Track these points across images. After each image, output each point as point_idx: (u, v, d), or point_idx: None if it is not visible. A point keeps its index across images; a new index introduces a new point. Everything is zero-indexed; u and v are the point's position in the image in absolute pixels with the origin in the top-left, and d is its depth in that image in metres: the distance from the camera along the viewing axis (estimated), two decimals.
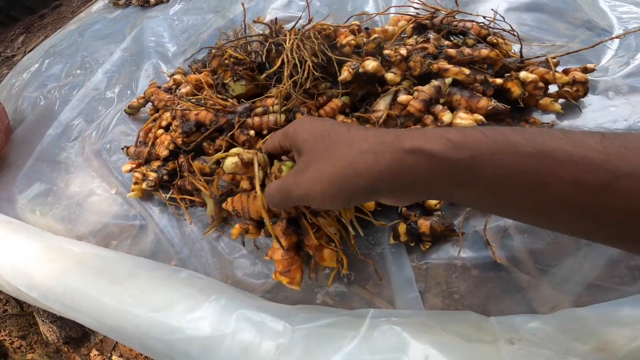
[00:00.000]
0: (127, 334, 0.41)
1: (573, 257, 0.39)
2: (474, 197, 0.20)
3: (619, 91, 0.48)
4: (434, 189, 0.21)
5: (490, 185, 0.18)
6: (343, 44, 0.48)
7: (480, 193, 0.19)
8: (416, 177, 0.20)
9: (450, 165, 0.19)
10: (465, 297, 0.39)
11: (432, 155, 0.19)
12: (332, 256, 0.36)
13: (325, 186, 0.22)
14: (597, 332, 0.33)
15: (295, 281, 0.35)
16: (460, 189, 0.19)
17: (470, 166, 0.18)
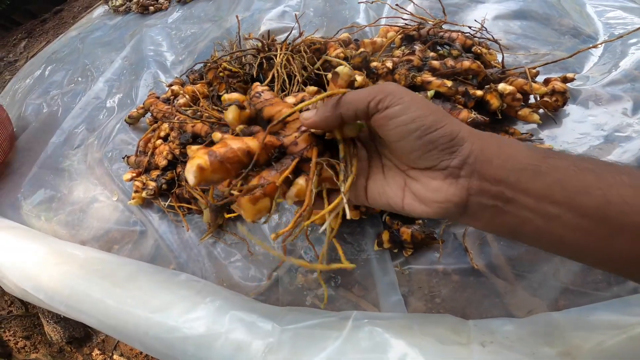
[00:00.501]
0: (128, 333, 0.43)
1: (549, 263, 0.41)
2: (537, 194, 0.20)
3: (599, 100, 0.50)
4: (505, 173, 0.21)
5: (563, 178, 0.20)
6: (332, 56, 0.50)
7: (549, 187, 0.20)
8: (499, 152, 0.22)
9: (530, 151, 0.21)
10: (446, 301, 0.41)
11: (513, 142, 0.22)
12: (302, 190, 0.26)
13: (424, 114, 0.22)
14: (566, 336, 0.35)
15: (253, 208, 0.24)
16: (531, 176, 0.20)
17: (547, 156, 0.21)
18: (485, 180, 0.21)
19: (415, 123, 0.22)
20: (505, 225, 0.22)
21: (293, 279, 0.45)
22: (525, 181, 0.20)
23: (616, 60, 0.56)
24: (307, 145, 0.25)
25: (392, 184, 0.25)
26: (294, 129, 0.27)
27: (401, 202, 0.24)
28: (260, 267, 0.47)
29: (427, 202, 0.23)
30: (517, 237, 0.23)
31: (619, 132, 0.46)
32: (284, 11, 0.74)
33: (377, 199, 0.26)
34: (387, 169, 0.26)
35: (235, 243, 0.50)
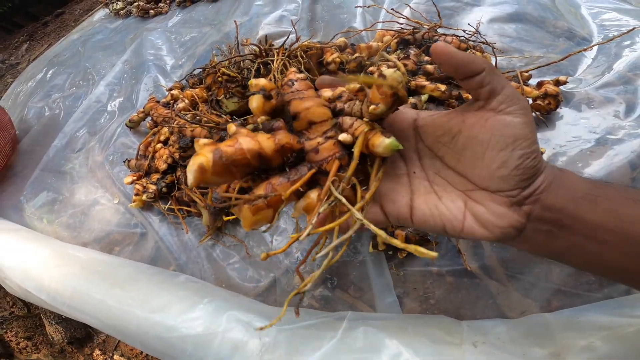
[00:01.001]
0: (128, 333, 0.44)
1: (541, 265, 0.41)
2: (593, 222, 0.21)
3: (592, 102, 0.50)
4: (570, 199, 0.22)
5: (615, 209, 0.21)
6: (329, 61, 0.51)
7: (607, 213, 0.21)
8: (566, 180, 0.22)
9: (589, 181, 0.22)
10: (440, 302, 0.42)
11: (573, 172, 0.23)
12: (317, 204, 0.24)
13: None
14: (557, 337, 0.35)
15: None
16: (590, 206, 0.21)
17: (604, 186, 0.22)
18: (546, 208, 0.21)
19: (526, 141, 0.21)
20: (554, 249, 0.23)
21: (290, 280, 0.46)
22: (582, 210, 0.21)
23: (610, 62, 0.56)
24: (329, 155, 0.23)
25: (450, 205, 0.23)
26: (320, 132, 0.24)
27: (461, 225, 0.23)
28: (258, 269, 0.48)
29: (489, 226, 0.22)
30: (564, 259, 0.23)
31: (611, 135, 0.46)
32: (281, 15, 0.75)
33: (428, 220, 0.24)
34: (441, 189, 0.24)
35: (234, 245, 0.51)
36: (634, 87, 0.51)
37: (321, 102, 0.24)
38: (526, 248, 0.24)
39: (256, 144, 0.22)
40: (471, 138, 0.22)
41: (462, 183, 0.23)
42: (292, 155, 0.23)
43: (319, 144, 0.23)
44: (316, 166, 0.23)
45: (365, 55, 0.55)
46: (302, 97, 0.24)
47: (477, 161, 0.22)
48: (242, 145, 0.21)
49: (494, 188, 0.22)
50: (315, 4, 0.76)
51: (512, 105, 0.21)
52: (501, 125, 0.21)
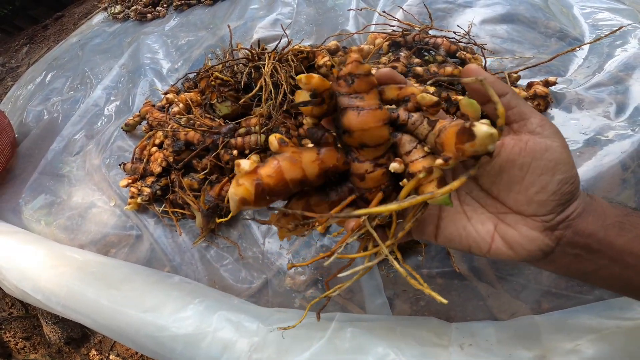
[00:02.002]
0: (121, 332, 0.45)
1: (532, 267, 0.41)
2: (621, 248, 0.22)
3: (582, 103, 0.51)
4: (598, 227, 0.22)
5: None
6: (320, 64, 0.51)
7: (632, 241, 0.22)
8: (596, 207, 0.23)
9: (616, 209, 0.23)
10: (430, 304, 0.42)
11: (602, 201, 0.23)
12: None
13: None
14: (544, 339, 0.36)
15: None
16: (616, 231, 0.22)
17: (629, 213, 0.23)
18: (577, 233, 0.22)
19: (566, 166, 0.21)
20: (580, 270, 0.23)
21: (282, 281, 0.46)
22: (611, 235, 0.22)
23: (601, 62, 0.56)
24: (374, 186, 0.21)
25: (479, 227, 0.23)
26: (372, 156, 0.21)
27: (488, 247, 0.23)
28: (251, 270, 0.49)
29: (517, 248, 0.22)
30: (590, 280, 0.24)
31: (600, 135, 0.46)
32: (276, 19, 0.75)
33: (454, 240, 0.24)
34: (471, 209, 0.24)
35: (227, 247, 0.51)
36: (625, 87, 0.51)
37: (382, 118, 0.20)
38: (551, 269, 0.24)
39: (299, 172, 0.20)
40: (510, 161, 0.21)
41: (495, 205, 0.23)
42: (335, 176, 0.22)
43: (366, 172, 0.21)
44: (358, 193, 0.21)
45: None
46: (360, 107, 0.20)
47: (514, 185, 0.22)
48: (284, 175, 0.20)
49: (530, 212, 0.22)
50: (309, 7, 0.76)
51: (548, 129, 0.21)
52: (542, 149, 0.21)
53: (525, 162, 0.21)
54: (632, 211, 0.23)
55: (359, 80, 0.20)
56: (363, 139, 0.20)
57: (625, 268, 0.22)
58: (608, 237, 0.22)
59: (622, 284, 0.23)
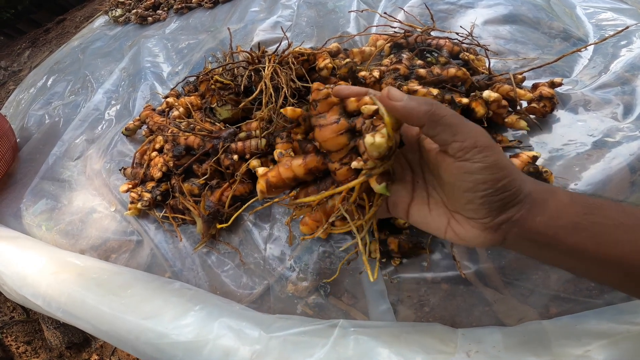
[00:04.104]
0: (121, 339, 0.45)
1: (540, 271, 0.41)
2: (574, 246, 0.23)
3: (588, 104, 0.50)
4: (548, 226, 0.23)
5: (598, 232, 0.23)
6: (321, 67, 0.50)
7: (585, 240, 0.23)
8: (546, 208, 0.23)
9: (573, 209, 0.23)
10: (435, 310, 0.41)
11: (560, 200, 0.24)
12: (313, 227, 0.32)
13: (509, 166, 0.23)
14: (553, 345, 0.35)
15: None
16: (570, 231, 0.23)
17: (588, 213, 0.23)
18: (524, 231, 0.23)
19: (486, 184, 0.22)
20: (538, 258, 0.26)
21: (284, 287, 0.46)
22: (562, 235, 0.23)
23: (607, 63, 0.55)
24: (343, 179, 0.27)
25: (437, 219, 0.26)
26: (337, 158, 0.28)
27: (443, 235, 0.26)
28: (252, 276, 0.48)
29: (466, 241, 0.25)
30: (551, 264, 0.26)
31: (608, 137, 0.45)
32: (276, 21, 0.75)
33: (419, 224, 0.28)
34: (433, 202, 0.27)
35: (228, 252, 0.51)
36: (632, 87, 0.50)
37: (337, 130, 0.27)
38: (514, 251, 0.27)
39: (291, 172, 0.30)
40: (440, 178, 0.25)
41: (448, 203, 0.26)
42: (320, 172, 0.30)
43: (336, 169, 0.28)
44: (337, 184, 0.28)
45: (358, 60, 0.54)
46: (322, 124, 0.27)
47: (449, 195, 0.25)
48: (281, 175, 0.30)
49: (468, 216, 0.25)
50: (309, 10, 0.76)
51: (469, 152, 0.22)
52: (460, 172, 0.23)
53: (450, 180, 0.24)
54: (596, 208, 0.23)
55: (320, 104, 0.27)
56: (326, 146, 0.28)
57: (579, 261, 0.23)
58: (558, 236, 0.23)
59: (581, 272, 0.25)
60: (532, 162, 0.41)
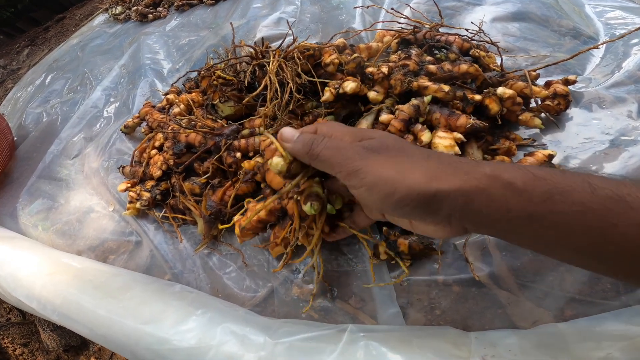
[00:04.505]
0: (119, 344, 0.43)
1: (554, 272, 0.39)
2: (534, 234, 0.20)
3: (602, 102, 0.48)
4: (496, 220, 0.21)
5: (560, 221, 0.19)
6: (327, 62, 0.49)
7: (545, 229, 0.20)
8: (489, 203, 0.20)
9: (527, 196, 0.20)
10: (446, 313, 0.40)
11: (511, 184, 0.20)
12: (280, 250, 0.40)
13: (399, 180, 0.22)
14: (572, 348, 0.33)
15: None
16: (525, 222, 0.20)
17: (547, 199, 0.19)
18: (478, 224, 0.22)
19: (376, 204, 0.24)
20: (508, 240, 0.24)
21: (289, 290, 0.44)
22: (517, 225, 0.21)
23: (618, 61, 0.54)
24: (292, 212, 0.34)
25: (403, 221, 0.27)
26: (285, 195, 0.35)
27: (413, 230, 0.27)
28: (255, 278, 0.46)
29: (432, 235, 0.26)
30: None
31: (624, 136, 0.44)
32: (279, 18, 0.73)
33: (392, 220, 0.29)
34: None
35: (230, 254, 0.49)
36: None
37: (278, 176, 0.33)
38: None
39: (255, 216, 0.37)
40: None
41: None
42: (279, 212, 0.37)
43: (286, 205, 0.36)
44: (290, 218, 0.35)
45: (365, 56, 0.53)
46: (267, 168, 0.36)
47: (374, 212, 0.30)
48: (250, 218, 0.38)
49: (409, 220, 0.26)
50: (313, 6, 0.75)
51: (351, 179, 0.23)
52: (359, 198, 0.25)
53: (363, 204, 0.29)
54: (559, 194, 0.20)
55: (266, 151, 0.35)
56: (273, 186, 0.40)
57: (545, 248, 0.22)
58: (512, 227, 0.21)
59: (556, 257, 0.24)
60: (549, 160, 0.39)
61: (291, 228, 0.36)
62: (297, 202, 0.31)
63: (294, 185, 0.30)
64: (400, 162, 0.23)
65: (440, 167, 0.22)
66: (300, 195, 0.31)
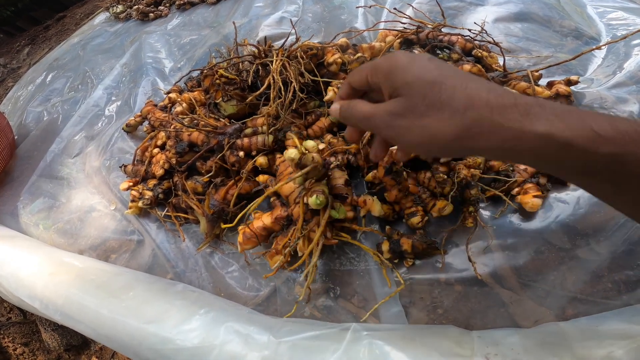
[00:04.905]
0: (122, 344, 0.43)
1: (556, 272, 0.39)
2: (598, 188, 0.19)
3: (605, 103, 0.49)
4: (552, 170, 0.20)
5: (625, 182, 0.17)
6: (330, 62, 0.49)
7: (610, 186, 0.18)
8: (539, 159, 0.19)
9: (590, 159, 0.17)
10: (449, 312, 0.40)
11: (569, 146, 0.17)
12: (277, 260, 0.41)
13: (426, 143, 0.21)
14: (574, 346, 0.33)
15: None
16: (587, 178, 0.18)
17: (612, 163, 0.17)
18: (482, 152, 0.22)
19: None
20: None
21: (291, 289, 0.44)
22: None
23: (620, 62, 0.55)
24: (297, 216, 0.36)
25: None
26: (292, 200, 0.39)
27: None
28: (258, 278, 0.46)
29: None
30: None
31: None
32: (282, 17, 0.74)
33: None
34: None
35: (233, 253, 0.49)
36: None
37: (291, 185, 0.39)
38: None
39: (261, 224, 0.40)
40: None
41: None
42: (284, 220, 0.39)
43: (292, 210, 0.39)
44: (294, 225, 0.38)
45: (368, 55, 0.53)
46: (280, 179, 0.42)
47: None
48: (254, 227, 0.40)
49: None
50: (315, 5, 0.75)
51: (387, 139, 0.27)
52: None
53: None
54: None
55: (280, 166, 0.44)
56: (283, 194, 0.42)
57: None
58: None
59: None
60: None
61: (294, 229, 0.37)
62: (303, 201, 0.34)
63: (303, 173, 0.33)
64: (428, 126, 0.21)
65: (479, 122, 0.19)
66: (307, 192, 0.34)
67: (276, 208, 0.41)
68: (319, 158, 0.35)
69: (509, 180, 0.39)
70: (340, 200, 0.38)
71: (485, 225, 0.41)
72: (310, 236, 0.37)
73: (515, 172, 0.40)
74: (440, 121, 0.21)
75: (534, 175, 0.40)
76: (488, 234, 0.41)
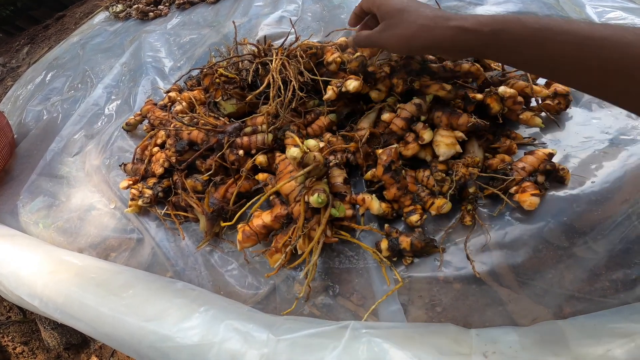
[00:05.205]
0: (122, 342, 0.43)
1: (554, 270, 0.40)
2: (494, 54, 0.32)
3: (602, 102, 0.49)
4: (467, 50, 0.33)
5: (506, 45, 0.30)
6: (329, 61, 0.49)
7: (498, 51, 0.31)
8: (454, 44, 0.32)
9: (480, 38, 0.31)
10: (447, 310, 0.40)
11: (467, 30, 0.31)
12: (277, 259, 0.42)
13: (397, 44, 0.37)
14: (572, 345, 0.33)
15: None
16: (486, 48, 0.32)
17: (490, 35, 0.30)
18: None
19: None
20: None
21: (290, 287, 0.44)
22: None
23: None
24: (298, 215, 0.37)
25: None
26: (292, 199, 0.39)
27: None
28: (257, 276, 0.47)
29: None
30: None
31: (624, 135, 0.45)
32: (281, 16, 0.74)
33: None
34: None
35: (232, 251, 0.49)
36: None
37: (292, 183, 0.40)
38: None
39: (261, 222, 0.40)
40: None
41: None
42: (284, 219, 0.40)
43: (292, 208, 0.39)
44: (294, 223, 0.38)
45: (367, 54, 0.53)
46: (280, 177, 0.42)
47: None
48: (254, 224, 0.40)
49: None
50: (315, 5, 0.75)
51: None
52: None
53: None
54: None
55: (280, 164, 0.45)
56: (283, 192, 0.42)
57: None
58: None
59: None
60: (549, 159, 0.40)
61: (294, 228, 0.37)
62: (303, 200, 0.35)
63: (305, 172, 0.35)
64: (398, 34, 0.36)
65: (424, 27, 0.33)
66: (308, 190, 0.35)
67: (276, 206, 0.41)
68: (321, 157, 0.35)
69: (507, 178, 0.40)
70: (339, 199, 0.38)
71: (483, 223, 0.41)
72: (310, 235, 0.37)
73: (513, 170, 0.41)
74: (404, 29, 0.35)
75: (532, 174, 0.40)
76: (486, 233, 0.41)
